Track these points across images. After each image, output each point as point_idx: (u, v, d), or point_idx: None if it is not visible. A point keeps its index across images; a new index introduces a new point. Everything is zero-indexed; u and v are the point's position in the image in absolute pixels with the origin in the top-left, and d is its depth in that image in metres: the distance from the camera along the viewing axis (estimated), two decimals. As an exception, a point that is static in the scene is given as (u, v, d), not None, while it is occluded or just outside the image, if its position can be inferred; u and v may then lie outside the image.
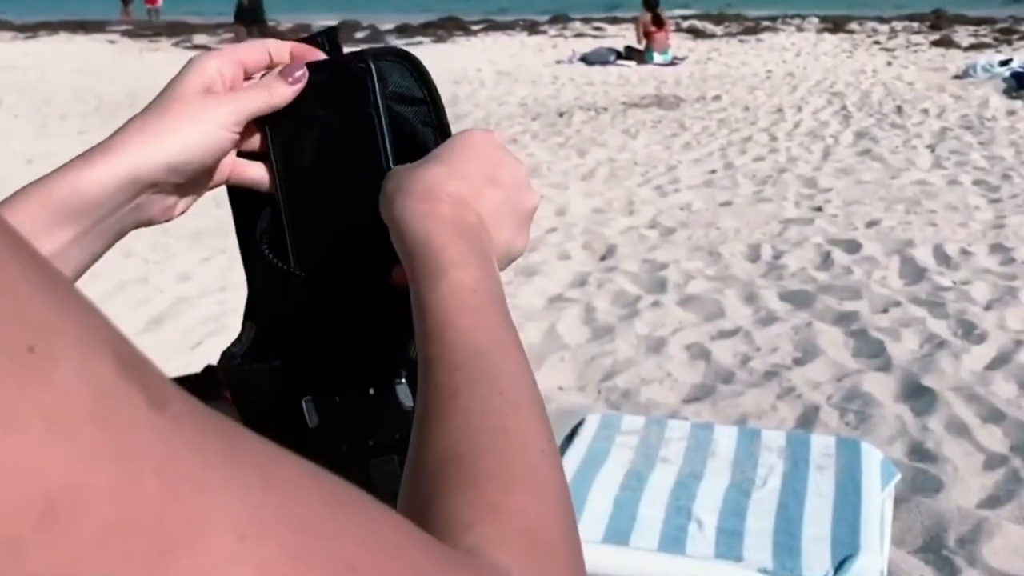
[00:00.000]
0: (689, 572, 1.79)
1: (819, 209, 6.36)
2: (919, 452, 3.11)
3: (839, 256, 5.20)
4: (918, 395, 3.48)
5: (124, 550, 0.25)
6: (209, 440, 0.29)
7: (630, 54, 15.22)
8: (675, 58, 15.27)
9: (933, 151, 8.09)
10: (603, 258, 5.47)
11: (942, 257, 5.13)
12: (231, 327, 2.11)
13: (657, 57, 15.00)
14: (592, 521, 2.06)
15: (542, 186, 7.30)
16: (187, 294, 4.94)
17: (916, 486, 2.91)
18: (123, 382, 0.27)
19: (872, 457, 2.31)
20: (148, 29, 22.54)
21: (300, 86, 0.72)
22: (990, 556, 2.55)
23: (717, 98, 11.52)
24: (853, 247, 5.34)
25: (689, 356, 3.97)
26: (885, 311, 4.33)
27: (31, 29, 22.92)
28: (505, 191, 0.65)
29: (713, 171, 7.77)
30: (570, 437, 2.51)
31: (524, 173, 0.67)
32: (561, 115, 10.67)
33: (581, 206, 6.65)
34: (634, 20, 16.44)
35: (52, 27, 23.34)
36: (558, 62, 15.59)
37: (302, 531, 0.30)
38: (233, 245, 0.78)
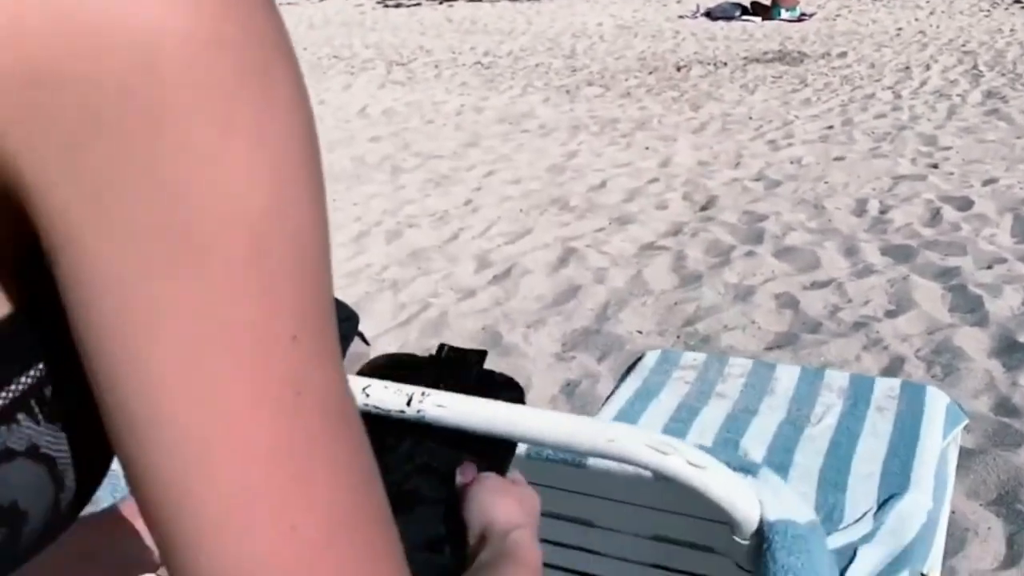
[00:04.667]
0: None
1: (935, 166, 6.12)
2: (1005, 407, 2.98)
3: (949, 213, 5.00)
4: (1012, 351, 3.34)
5: None
6: None
7: (756, 9, 14.82)
8: (803, 14, 14.82)
9: (1066, 111, 7.69)
10: (703, 208, 5.38)
11: (1060, 216, 4.89)
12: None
13: (784, 13, 14.58)
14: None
15: (649, 138, 7.21)
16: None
17: (997, 440, 2.80)
18: None
19: (938, 400, 2.22)
20: None
21: None
22: (1066, 512, 2.44)
23: (843, 55, 11.16)
24: (965, 204, 5.12)
25: (777, 305, 3.88)
26: (989, 267, 4.16)
27: None
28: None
29: (830, 127, 7.55)
30: (628, 371, 2.49)
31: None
32: (679, 69, 10.49)
33: (687, 158, 6.54)
34: (763, -24, 15.99)
35: None
36: (681, 17, 15.30)
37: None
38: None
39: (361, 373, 0.84)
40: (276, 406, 0.37)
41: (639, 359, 2.52)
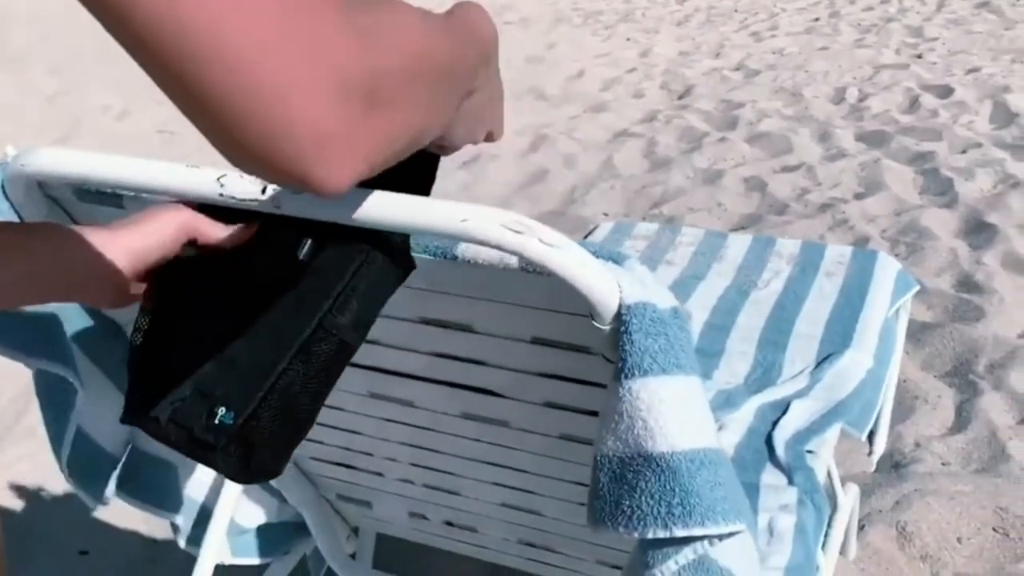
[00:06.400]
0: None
1: (919, 57, 6.02)
2: (967, 284, 2.96)
3: (928, 100, 4.92)
4: (978, 231, 3.31)
5: None
6: None
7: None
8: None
9: (1057, 3, 7.55)
10: (680, 97, 5.30)
11: (1039, 103, 4.82)
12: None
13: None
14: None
15: (632, 30, 7.08)
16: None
17: (957, 315, 2.78)
18: None
19: (888, 267, 2.19)
20: None
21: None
22: (1017, 382, 2.43)
23: (834, -51, 10.92)
24: (945, 92, 5.05)
25: (745, 188, 3.84)
26: (964, 152, 4.10)
27: None
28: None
29: (816, 19, 7.43)
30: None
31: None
32: (666, -36, 10.27)
33: (667, 48, 6.43)
34: None
35: None
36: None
37: None
38: None
39: None
40: None
41: (592, 229, 2.48)
